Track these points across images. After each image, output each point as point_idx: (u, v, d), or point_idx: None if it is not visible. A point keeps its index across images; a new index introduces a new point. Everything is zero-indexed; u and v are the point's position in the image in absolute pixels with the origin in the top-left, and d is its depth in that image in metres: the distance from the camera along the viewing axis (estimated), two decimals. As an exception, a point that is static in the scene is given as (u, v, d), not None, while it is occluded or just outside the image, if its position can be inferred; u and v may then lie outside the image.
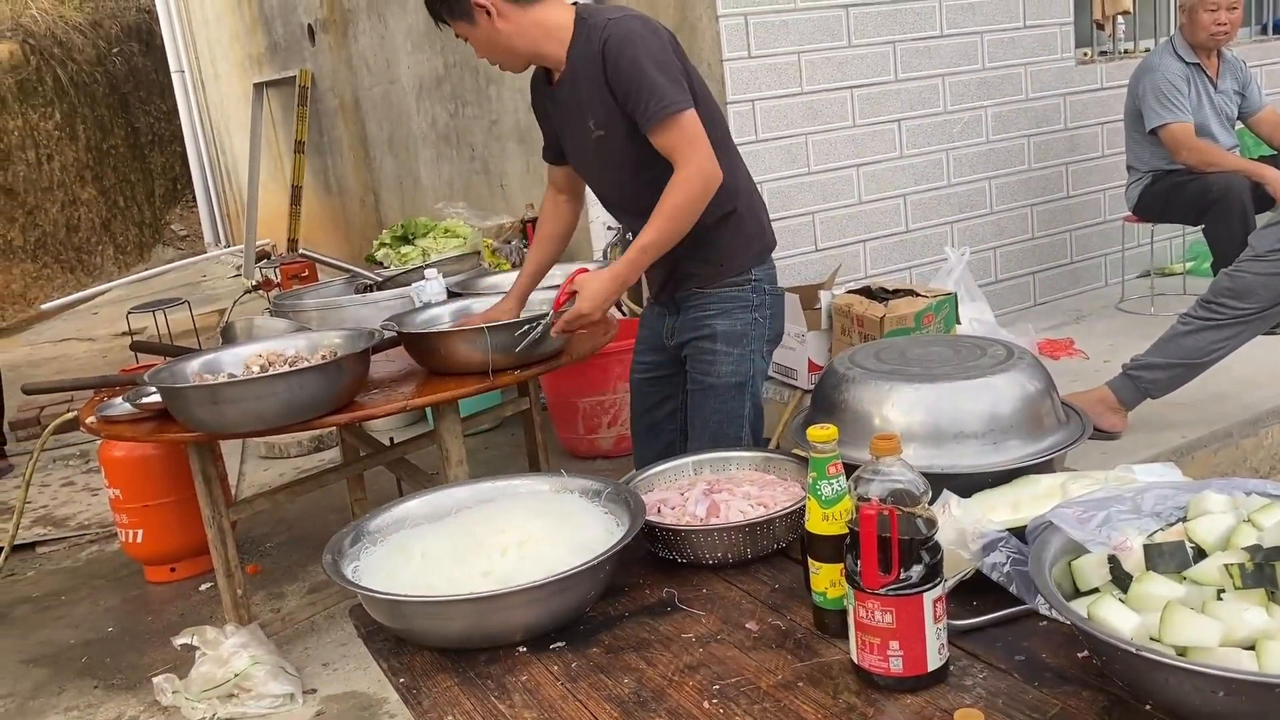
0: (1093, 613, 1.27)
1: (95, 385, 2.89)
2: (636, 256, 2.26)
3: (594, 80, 2.21)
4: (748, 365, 2.41)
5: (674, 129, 2.18)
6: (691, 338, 2.43)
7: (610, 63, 2.17)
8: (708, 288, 2.38)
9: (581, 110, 2.28)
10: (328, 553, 1.68)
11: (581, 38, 2.23)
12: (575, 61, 2.25)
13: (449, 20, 2.28)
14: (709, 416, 2.42)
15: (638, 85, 2.16)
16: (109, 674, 3.04)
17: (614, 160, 2.32)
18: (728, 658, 1.45)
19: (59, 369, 7.45)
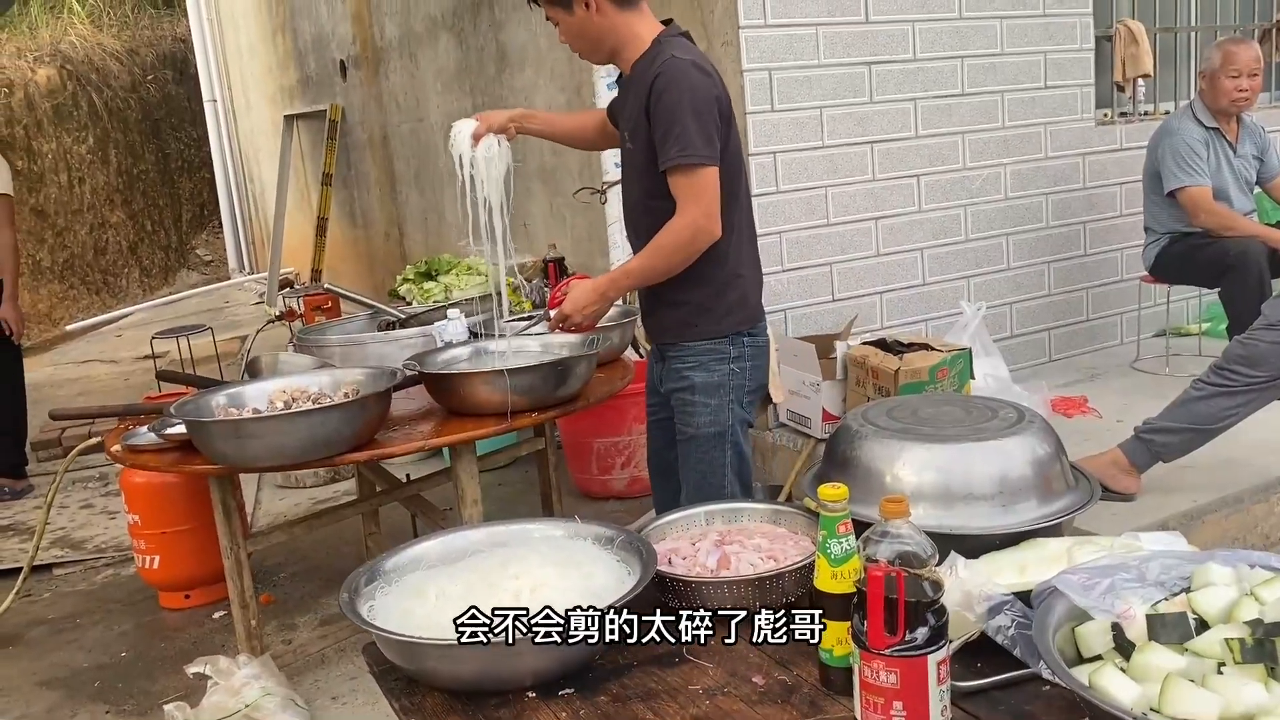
0: (1094, 681, 1.29)
1: (120, 414, 2.94)
2: (619, 277, 2.48)
3: (640, 101, 2.33)
4: (725, 415, 2.47)
5: (687, 177, 2.29)
6: (673, 388, 2.52)
7: (655, 95, 2.28)
8: (683, 341, 2.48)
9: (624, 118, 2.45)
10: (344, 591, 1.70)
11: (648, 58, 2.35)
12: (635, 75, 2.39)
13: (546, 3, 2.39)
14: (694, 466, 2.51)
15: (670, 125, 2.27)
16: (121, 699, 3.07)
17: (632, 174, 2.47)
18: (734, 711, 1.47)
19: (82, 390, 7.54)
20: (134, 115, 12.53)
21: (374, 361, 2.91)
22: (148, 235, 12.62)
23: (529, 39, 5.43)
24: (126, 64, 12.74)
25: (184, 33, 13.03)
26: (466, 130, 2.52)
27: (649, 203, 2.40)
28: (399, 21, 7.02)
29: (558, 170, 5.41)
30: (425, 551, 1.84)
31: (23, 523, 4.71)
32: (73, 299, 11.56)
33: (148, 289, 12.34)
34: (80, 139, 11.86)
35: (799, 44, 3.93)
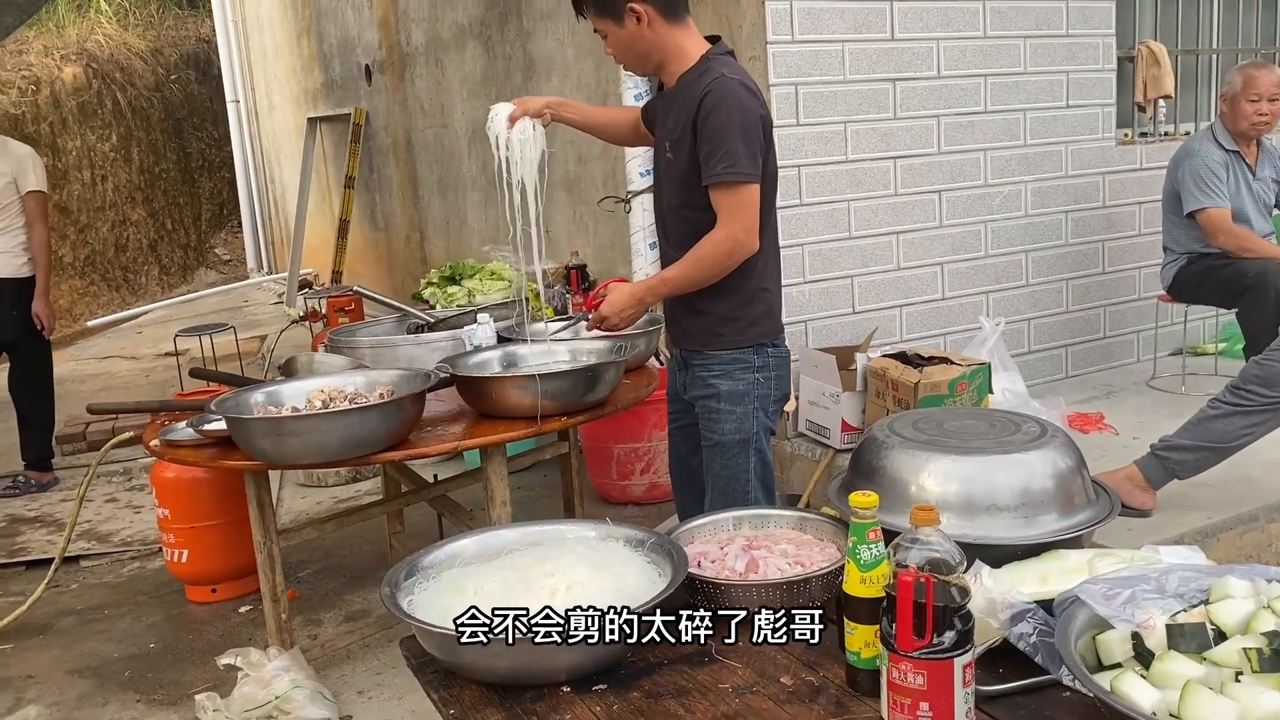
0: (1115, 686, 1.34)
1: (156, 409, 3.01)
2: (656, 285, 2.53)
3: (686, 116, 2.39)
4: (750, 423, 2.53)
5: (731, 194, 2.36)
6: (699, 395, 2.58)
7: (704, 112, 2.34)
8: (708, 349, 2.54)
9: (666, 129, 2.49)
10: (385, 585, 1.76)
11: (696, 73, 2.41)
12: (681, 89, 2.44)
13: (595, 15, 2.44)
14: (718, 472, 2.57)
15: (718, 143, 2.33)
16: (151, 689, 3.13)
17: (670, 183, 2.52)
18: (763, 709, 1.52)
19: (103, 385, 7.62)
20: (157, 114, 12.66)
21: (404, 363, 2.98)
22: (167, 233, 12.73)
23: (556, 48, 5.49)
24: (150, 63, 12.87)
25: (208, 33, 13.15)
26: (504, 113, 2.57)
27: (684, 211, 2.47)
28: (426, 28, 7.10)
29: (581, 179, 5.47)
30: (462, 549, 1.90)
31: (50, 515, 4.79)
32: (93, 295, 11.67)
33: (166, 287, 12.45)
34: (104, 137, 11.98)
35: (825, 60, 3.99)
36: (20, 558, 4.27)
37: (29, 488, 5.11)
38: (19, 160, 5.06)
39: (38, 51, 11.64)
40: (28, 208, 5.05)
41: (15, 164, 5.04)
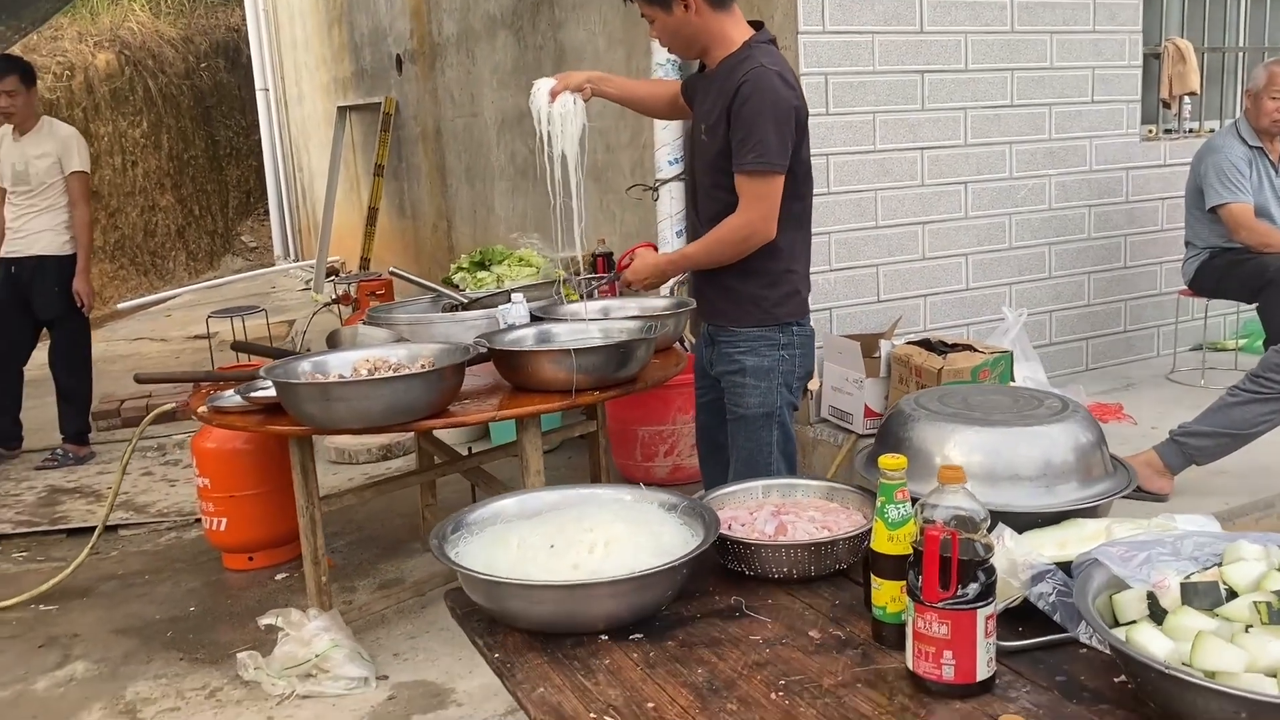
0: (1130, 637, 1.41)
1: (201, 379, 3.11)
2: (677, 259, 2.72)
3: (723, 101, 2.46)
4: (774, 397, 2.62)
5: (755, 182, 2.45)
6: (725, 370, 2.67)
7: (740, 99, 2.42)
8: (736, 326, 2.63)
9: (704, 110, 2.57)
10: (433, 538, 1.84)
11: (736, 60, 2.48)
12: (721, 73, 2.51)
13: (644, 2, 2.52)
14: (741, 444, 2.66)
15: (750, 131, 2.41)
16: (193, 649, 3.24)
17: (703, 164, 2.61)
18: (792, 659, 1.60)
19: (134, 366, 7.75)
20: (186, 101, 12.81)
21: (441, 339, 3.07)
22: (195, 220, 12.89)
23: (587, 38, 5.57)
24: (181, 51, 13.03)
25: (238, 22, 13.30)
26: (545, 88, 2.62)
27: (715, 192, 2.56)
28: (458, 18, 7.19)
29: (609, 168, 5.56)
30: (504, 507, 1.99)
31: (88, 486, 4.92)
32: (122, 279, 11.84)
33: (193, 272, 12.61)
34: (135, 123, 12.15)
35: (855, 51, 4.06)
36: (62, 526, 4.40)
37: (67, 460, 5.24)
38: (64, 141, 5.19)
39: (72, 38, 11.81)
40: (71, 188, 5.17)
41: (60, 145, 5.17)
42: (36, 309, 5.25)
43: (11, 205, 5.22)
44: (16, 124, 5.18)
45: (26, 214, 5.18)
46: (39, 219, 5.17)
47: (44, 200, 5.16)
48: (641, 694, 1.52)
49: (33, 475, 5.14)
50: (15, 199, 5.20)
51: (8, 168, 5.20)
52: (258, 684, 2.89)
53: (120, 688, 3.05)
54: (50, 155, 5.13)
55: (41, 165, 5.13)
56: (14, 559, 4.16)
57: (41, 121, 5.24)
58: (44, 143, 5.16)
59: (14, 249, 5.21)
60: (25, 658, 3.28)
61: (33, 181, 5.14)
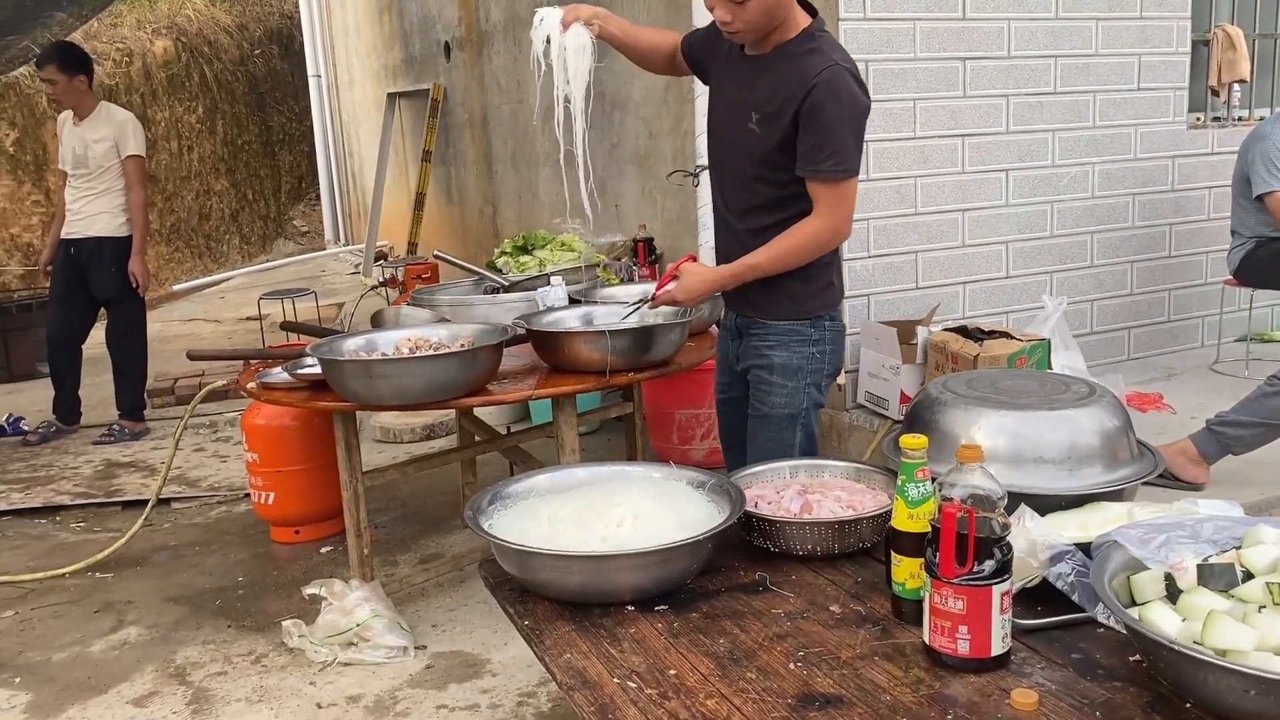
0: (1143, 614, 1.44)
1: (252, 356, 3.22)
2: (741, 271, 2.42)
3: (788, 98, 2.29)
4: (800, 398, 2.50)
5: (835, 187, 2.32)
6: (752, 365, 2.55)
7: (813, 100, 2.26)
8: (768, 319, 2.50)
9: (755, 100, 2.35)
10: (468, 509, 1.92)
11: (800, 49, 2.31)
12: (779, 61, 2.32)
13: None
14: (762, 444, 2.52)
15: (828, 138, 2.27)
16: (241, 617, 3.36)
17: (746, 155, 2.41)
18: (812, 632, 1.65)
19: (188, 346, 7.89)
20: (241, 88, 13.02)
21: (482, 320, 3.14)
22: (248, 204, 13.12)
23: (631, 25, 5.61)
24: (236, 38, 13.23)
25: (291, 9, 13.49)
26: (553, 17, 2.34)
27: (756, 185, 2.42)
28: (504, 5, 7.26)
29: (651, 154, 5.60)
30: (537, 483, 2.06)
31: (142, 460, 5.07)
32: (177, 261, 12.09)
33: (246, 255, 12.84)
34: (191, 109, 12.37)
35: (896, 37, 4.06)
36: (117, 498, 4.55)
37: (122, 436, 5.41)
38: (120, 126, 5.34)
39: (131, 25, 12.05)
40: (127, 171, 5.33)
41: (117, 129, 5.32)
42: (94, 289, 5.41)
43: (72, 188, 5.38)
44: (73, 109, 5.32)
45: (85, 196, 5.33)
46: (96, 201, 5.33)
47: (102, 183, 5.31)
48: (664, 662, 1.58)
49: (90, 450, 5.31)
50: (75, 182, 5.36)
51: (69, 152, 5.36)
52: (301, 651, 2.99)
53: (171, 652, 3.17)
54: (108, 139, 5.29)
55: (99, 149, 5.29)
56: (72, 529, 4.32)
57: (100, 107, 5.39)
58: (101, 127, 5.31)
59: (73, 230, 5.37)
60: (82, 622, 3.42)
61: (91, 165, 5.29)
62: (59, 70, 5.21)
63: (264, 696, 2.87)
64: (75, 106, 5.32)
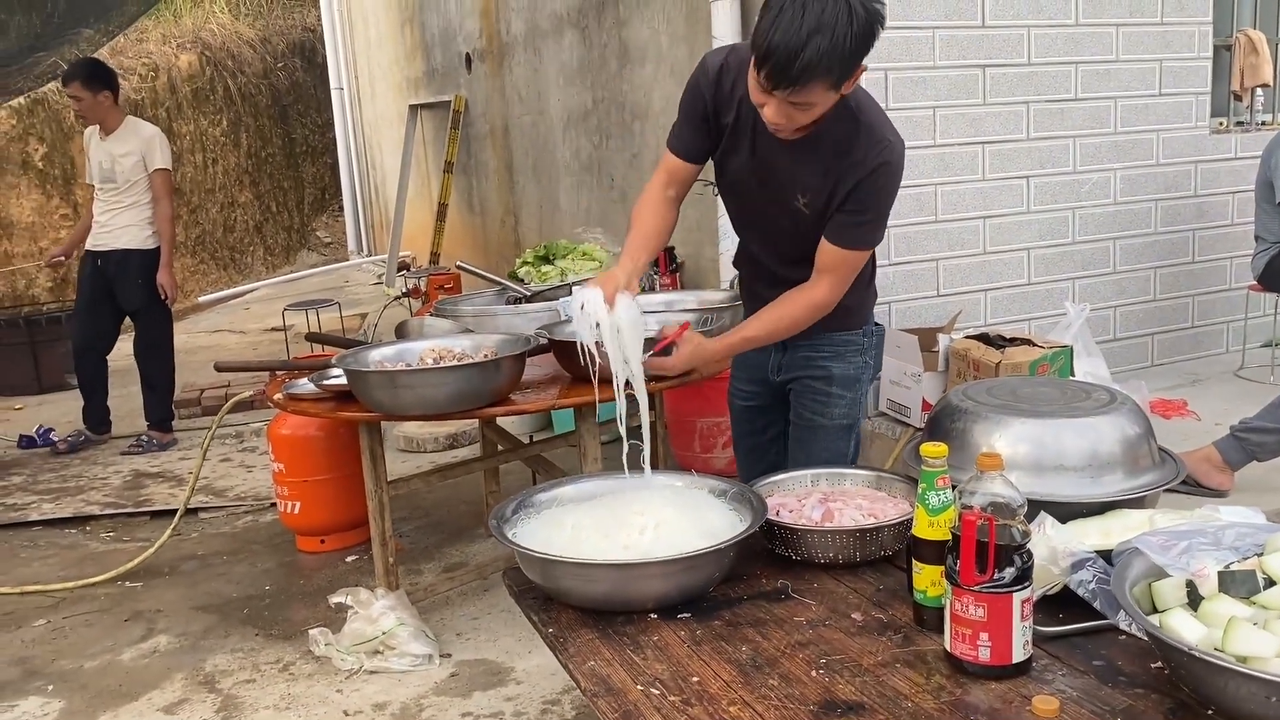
0: (1164, 622, 1.44)
1: (278, 368, 3.26)
2: (738, 344, 2.35)
3: (846, 176, 2.18)
4: (858, 409, 2.48)
5: (849, 257, 2.25)
6: (803, 375, 2.48)
7: (872, 180, 2.17)
8: (826, 330, 2.42)
9: (802, 182, 2.24)
10: (492, 518, 1.94)
11: (848, 126, 2.17)
12: (826, 143, 2.18)
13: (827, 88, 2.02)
14: (817, 454, 2.46)
15: (871, 212, 2.21)
16: (268, 625, 3.40)
17: (797, 234, 2.32)
18: (834, 639, 1.66)
19: (214, 356, 8.03)
20: (264, 101, 13.16)
21: (504, 331, 3.17)
22: (272, 216, 13.24)
23: (651, 36, 5.64)
24: (259, 51, 13.38)
25: (313, 22, 13.62)
26: (595, 299, 2.15)
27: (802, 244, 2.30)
28: (525, 17, 7.31)
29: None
30: (561, 491, 2.08)
31: (170, 471, 5.14)
32: (203, 273, 12.21)
33: (270, 267, 12.96)
34: (215, 122, 12.51)
35: (915, 46, 4.07)
36: (145, 508, 4.61)
37: (151, 446, 5.47)
38: (147, 140, 5.41)
39: (156, 40, 12.20)
40: (154, 184, 5.40)
41: (144, 144, 5.39)
42: (121, 300, 5.49)
43: (100, 201, 5.46)
44: (100, 124, 5.40)
45: (113, 209, 5.41)
46: (124, 214, 5.40)
47: (129, 197, 5.39)
48: (687, 669, 1.59)
49: (119, 460, 5.38)
50: (103, 195, 5.44)
51: (95, 166, 5.45)
52: (328, 659, 3.03)
53: (200, 660, 3.21)
54: (134, 153, 5.36)
55: (127, 163, 5.36)
56: (102, 539, 4.38)
57: (126, 121, 5.47)
58: (128, 141, 5.38)
59: (100, 243, 5.45)
60: (113, 631, 3.47)
61: (119, 179, 5.37)
62: (83, 87, 5.29)
63: (291, 704, 2.90)
64: (101, 122, 5.40)
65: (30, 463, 5.44)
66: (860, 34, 1.95)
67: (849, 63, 1.98)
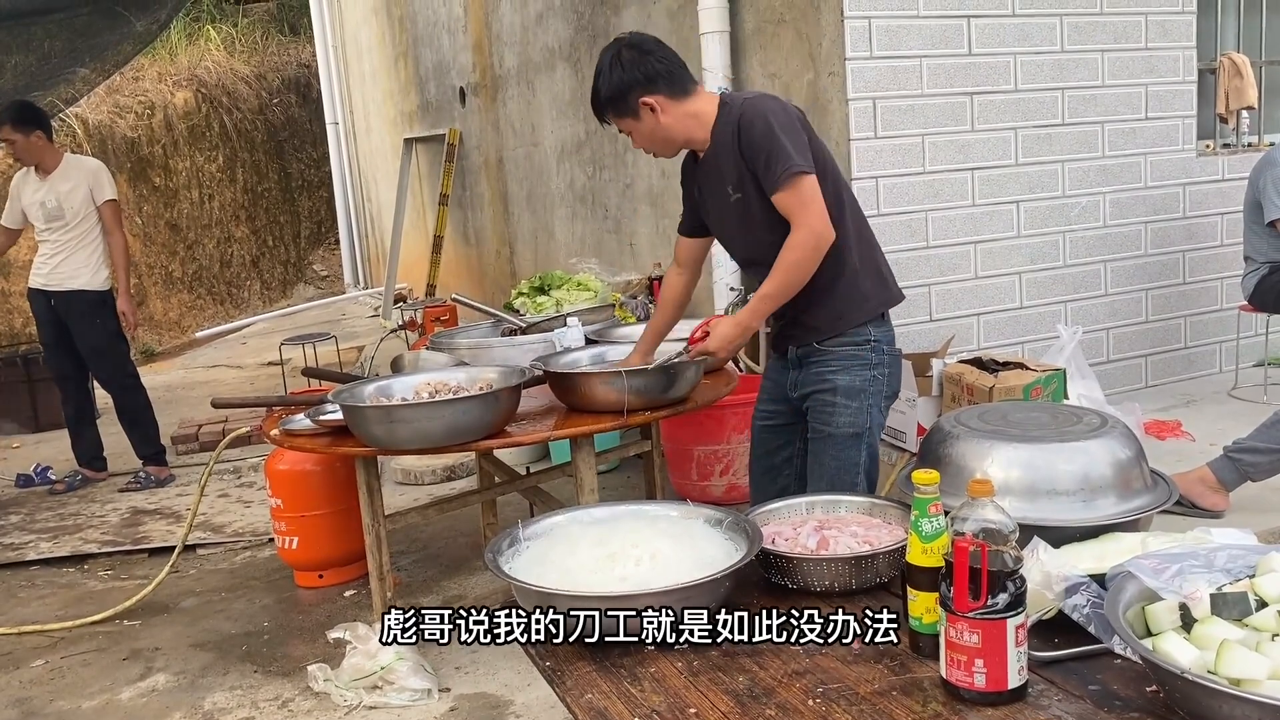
0: (1157, 645, 1.45)
1: (275, 404, 3.27)
2: (757, 305, 2.54)
3: (730, 149, 2.49)
4: (864, 418, 2.61)
5: (793, 191, 2.43)
6: (813, 391, 2.64)
7: (744, 132, 2.45)
8: (826, 343, 2.60)
9: (721, 178, 2.56)
10: (489, 552, 1.94)
11: (723, 117, 2.53)
12: (717, 137, 2.54)
13: (616, 118, 2.57)
14: (827, 463, 2.63)
15: (766, 150, 2.43)
16: (267, 661, 3.39)
17: (753, 220, 2.56)
18: (830, 668, 1.66)
19: (210, 392, 8.02)
20: (260, 136, 13.24)
21: (499, 363, 3.19)
22: (269, 250, 13.29)
23: (642, 68, 5.69)
24: (255, 87, 13.47)
25: (308, 58, 13.72)
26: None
27: (778, 230, 2.50)
28: (518, 51, 7.38)
29: (665, 193, 5.66)
30: (556, 523, 2.08)
31: (167, 507, 5.13)
32: (199, 308, 12.24)
33: (267, 300, 12.99)
34: (211, 158, 12.58)
35: (903, 75, 4.11)
36: (144, 545, 4.60)
37: (148, 483, 5.46)
38: (93, 173, 5.35)
39: (152, 78, 12.29)
40: (105, 216, 5.32)
41: (90, 176, 5.32)
42: (78, 341, 5.39)
43: (47, 243, 5.35)
44: (37, 165, 5.32)
45: (62, 251, 5.31)
46: (76, 255, 5.30)
47: (79, 234, 5.28)
48: (684, 700, 1.59)
49: (117, 497, 5.37)
50: (50, 236, 5.33)
51: (37, 208, 5.33)
52: (327, 695, 3.01)
53: (199, 698, 3.20)
54: (81, 187, 5.28)
55: (75, 199, 5.27)
56: (100, 577, 4.37)
57: (65, 158, 5.40)
58: (72, 176, 5.29)
59: (52, 283, 5.35)
60: (111, 670, 3.46)
61: (68, 215, 5.27)
62: (14, 129, 5.20)
63: (290, 741, 2.89)
64: (39, 162, 5.30)
65: (28, 501, 5.44)
66: (624, 73, 2.49)
67: (623, 95, 2.51)
